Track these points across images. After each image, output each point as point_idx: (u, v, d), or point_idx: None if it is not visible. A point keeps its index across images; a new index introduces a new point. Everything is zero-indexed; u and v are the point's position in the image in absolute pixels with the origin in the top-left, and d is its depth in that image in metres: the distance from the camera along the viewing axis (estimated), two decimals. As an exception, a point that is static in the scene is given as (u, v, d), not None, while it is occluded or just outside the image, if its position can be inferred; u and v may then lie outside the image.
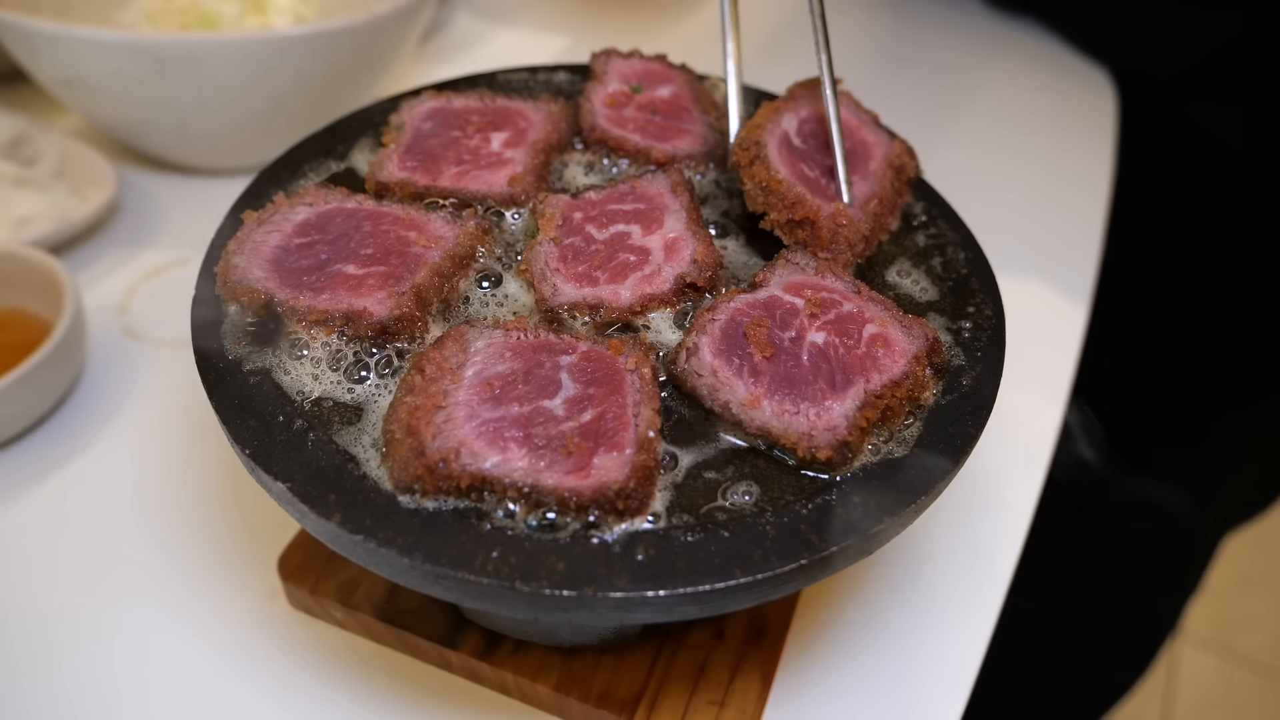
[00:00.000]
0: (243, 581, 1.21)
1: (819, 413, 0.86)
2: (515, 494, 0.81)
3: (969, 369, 0.96)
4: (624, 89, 1.22)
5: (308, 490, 0.83)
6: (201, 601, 1.18)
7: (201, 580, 1.21)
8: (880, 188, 1.09)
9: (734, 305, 0.94)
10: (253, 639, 1.16)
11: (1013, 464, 1.38)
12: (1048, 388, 1.50)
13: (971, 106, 2.15)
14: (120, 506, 1.28)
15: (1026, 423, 1.45)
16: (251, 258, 0.98)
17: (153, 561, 1.22)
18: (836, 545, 0.81)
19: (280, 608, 1.19)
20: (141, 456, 1.34)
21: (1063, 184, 1.95)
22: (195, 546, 1.24)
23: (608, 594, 0.77)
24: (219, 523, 1.27)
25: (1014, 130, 2.09)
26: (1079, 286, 1.70)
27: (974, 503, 1.33)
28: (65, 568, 1.21)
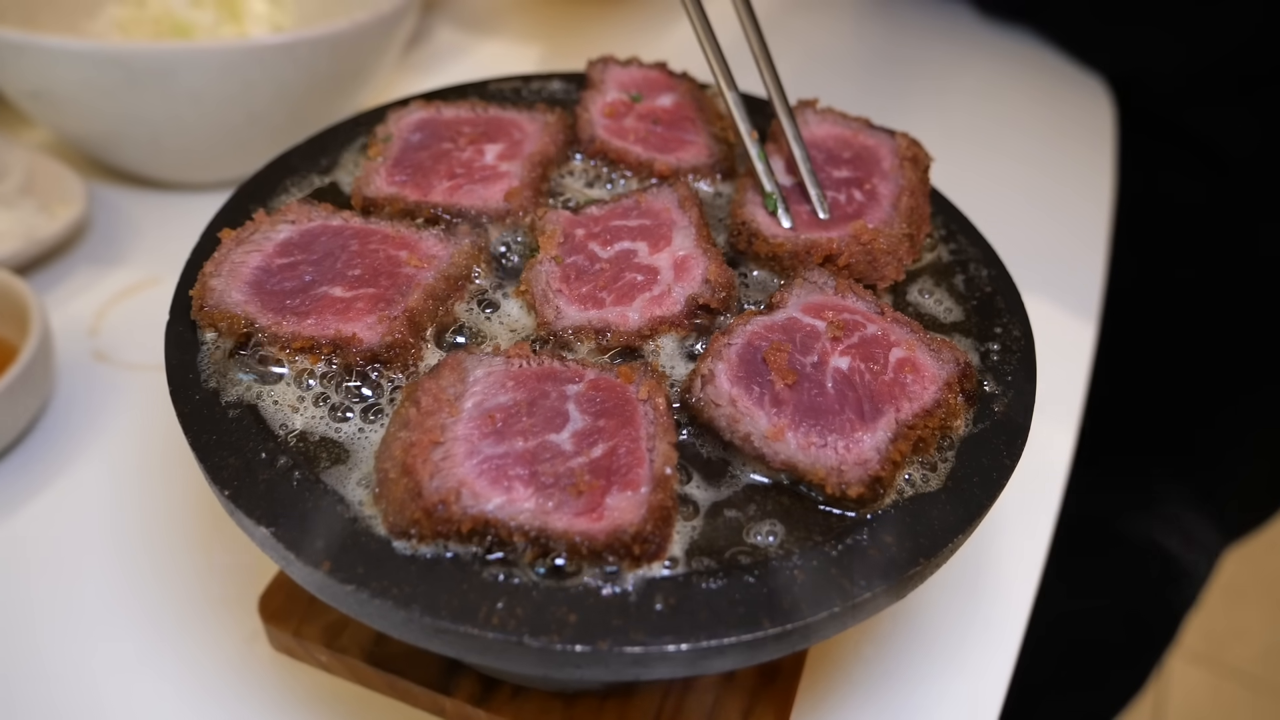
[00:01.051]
0: (222, 623, 1.14)
1: (849, 445, 0.80)
2: (522, 538, 0.74)
3: (1000, 395, 0.90)
4: (623, 98, 1.15)
5: (293, 536, 0.76)
6: (178, 643, 1.11)
7: (178, 621, 1.13)
8: (906, 181, 1.03)
9: (751, 328, 0.88)
10: (232, 684, 1.08)
11: (1027, 491, 1.33)
12: (1060, 409, 1.45)
13: (965, 115, 2.11)
14: (90, 541, 1.20)
15: (1040, 446, 1.39)
16: (230, 279, 0.90)
17: (126, 601, 1.14)
18: (870, 591, 0.75)
19: (261, 650, 1.12)
20: (113, 487, 1.27)
21: (1063, 195, 1.90)
22: (171, 585, 1.16)
23: (624, 649, 0.70)
24: (197, 559, 1.19)
25: (1010, 140, 2.05)
26: (1086, 302, 1.65)
27: (990, 531, 1.27)
28: (30, 607, 1.13)
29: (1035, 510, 1.32)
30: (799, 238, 0.98)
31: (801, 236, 0.98)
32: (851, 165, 1.07)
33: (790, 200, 1.03)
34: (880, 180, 1.05)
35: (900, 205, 1.01)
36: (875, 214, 1.01)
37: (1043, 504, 1.32)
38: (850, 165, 1.07)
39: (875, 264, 0.97)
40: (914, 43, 2.35)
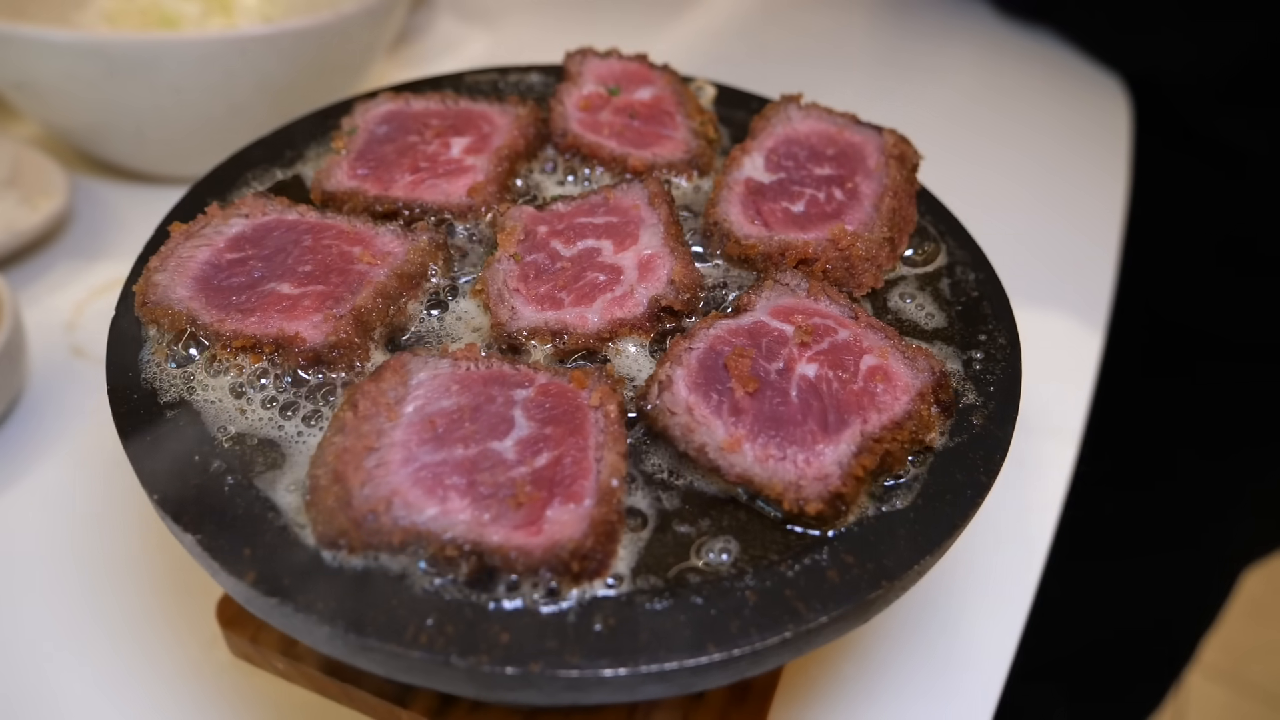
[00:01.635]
0: (183, 626, 1.10)
1: (809, 459, 0.75)
2: (455, 551, 0.70)
3: (980, 407, 0.85)
4: (600, 91, 1.11)
5: (219, 544, 0.72)
6: (138, 644, 1.08)
7: (139, 622, 1.10)
8: (890, 180, 0.99)
9: (714, 333, 0.83)
10: (191, 688, 1.05)
11: (1022, 506, 1.27)
12: (1060, 423, 1.39)
13: (980, 115, 2.05)
14: (53, 539, 1.17)
15: (1039, 459, 1.33)
16: (175, 275, 0.87)
17: (87, 600, 1.11)
18: (827, 615, 0.70)
19: (220, 656, 1.08)
20: (80, 485, 1.24)
21: (1075, 196, 1.84)
22: (133, 586, 1.13)
23: (558, 672, 0.66)
24: (159, 560, 1.16)
25: (1024, 141, 1.99)
26: (1094, 311, 1.59)
27: (983, 546, 1.22)
28: (-15, 612, 1.10)
29: (1033, 525, 1.26)
30: (772, 239, 0.93)
31: (775, 237, 0.93)
32: (835, 163, 1.03)
33: (769, 198, 0.99)
34: (863, 179, 1.00)
35: (882, 206, 0.96)
36: (855, 215, 0.96)
37: (1041, 519, 1.26)
38: (833, 163, 1.03)
39: (853, 270, 0.92)
40: (928, 40, 2.29)
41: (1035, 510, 1.27)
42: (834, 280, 0.92)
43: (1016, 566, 1.21)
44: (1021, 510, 1.26)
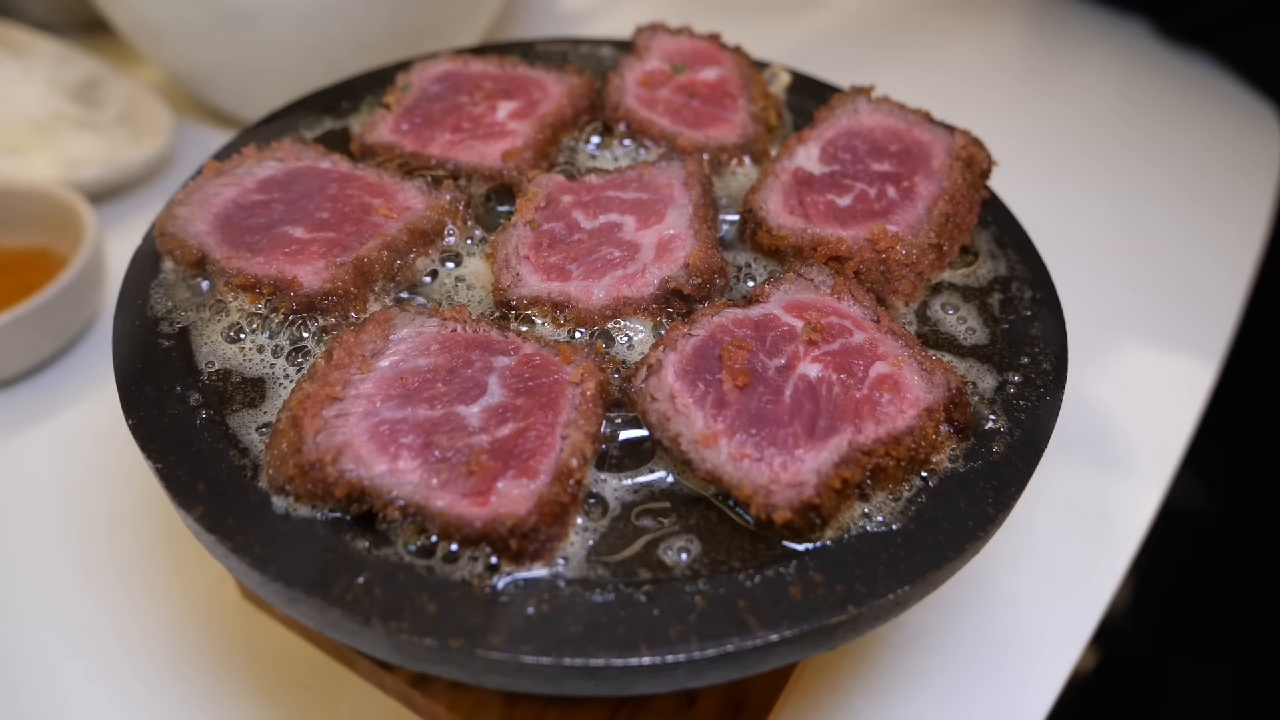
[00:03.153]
0: (197, 560, 1.12)
1: (786, 463, 0.69)
2: (398, 513, 0.67)
3: (1005, 434, 0.77)
4: (664, 68, 1.07)
5: (177, 475, 0.72)
6: (150, 575, 1.10)
7: (157, 552, 1.12)
8: (950, 184, 0.91)
9: (718, 321, 0.78)
10: (197, 622, 1.06)
11: (1083, 555, 1.16)
12: (1144, 475, 1.26)
13: (1120, 136, 1.90)
14: (92, 463, 1.20)
15: (1108, 509, 1.21)
16: (197, 210, 0.87)
17: (114, 527, 1.14)
18: (779, 633, 0.64)
19: (229, 594, 1.09)
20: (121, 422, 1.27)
21: (1212, 226, 1.68)
22: (158, 517, 1.16)
23: (476, 651, 0.63)
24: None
25: (1165, 163, 1.83)
26: (1210, 351, 1.44)
27: (1031, 591, 1.12)
28: (21, 524, 1.14)
29: (1098, 572, 1.14)
30: (805, 231, 0.87)
31: (809, 230, 0.87)
32: (896, 159, 0.96)
33: (815, 189, 0.92)
34: (923, 179, 0.93)
35: (935, 210, 0.89)
36: (904, 215, 0.89)
37: (1107, 564, 1.15)
38: (894, 159, 0.96)
39: (889, 275, 0.86)
40: (1076, 53, 2.15)
41: (1105, 556, 1.15)
42: (867, 283, 0.86)
43: (1072, 618, 1.10)
44: (1090, 556, 1.15)
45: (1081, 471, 1.24)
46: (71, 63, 1.62)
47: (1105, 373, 1.38)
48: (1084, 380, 1.35)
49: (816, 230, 0.87)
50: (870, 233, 0.86)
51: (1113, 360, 1.41)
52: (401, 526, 0.68)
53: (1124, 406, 1.34)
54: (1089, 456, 1.27)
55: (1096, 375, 1.37)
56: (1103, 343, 1.43)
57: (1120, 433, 1.30)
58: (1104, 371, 1.39)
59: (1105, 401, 1.34)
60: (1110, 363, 1.40)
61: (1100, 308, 1.47)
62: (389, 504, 0.67)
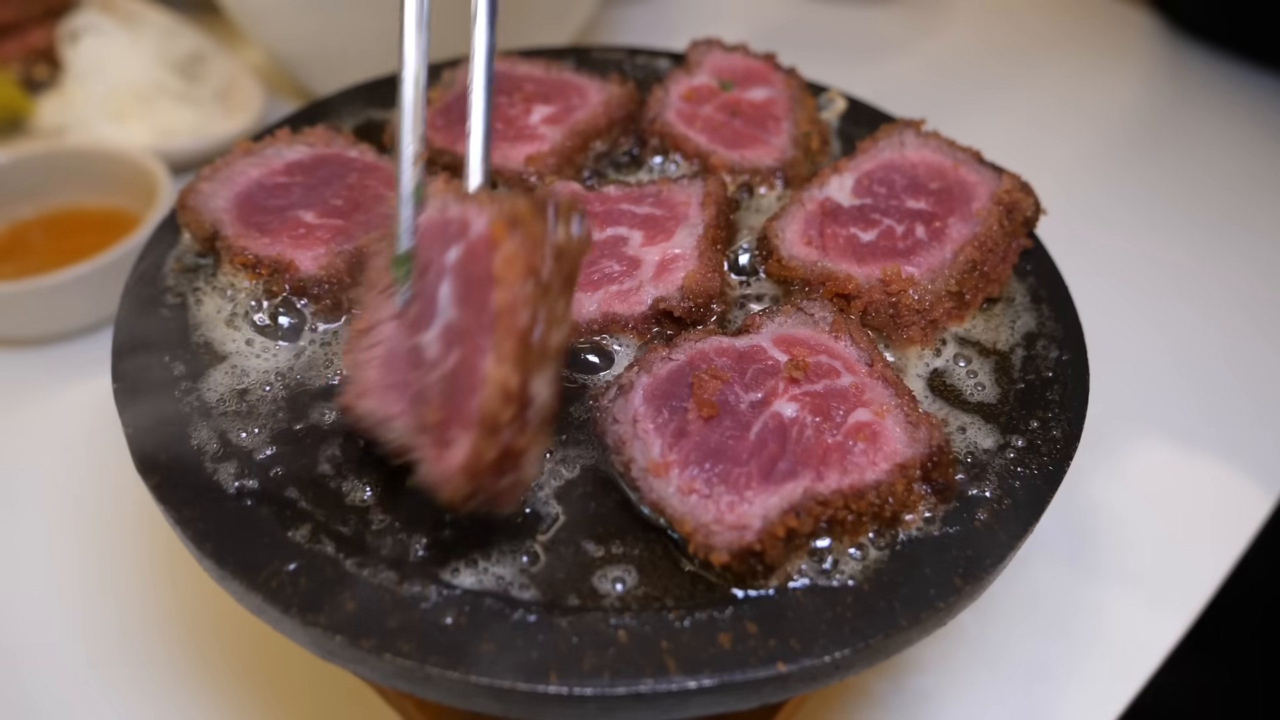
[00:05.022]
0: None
1: (733, 503, 0.66)
2: None
3: (993, 501, 0.72)
4: (711, 84, 1.04)
5: (143, 444, 0.73)
6: (155, 532, 1.13)
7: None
8: (983, 230, 0.86)
9: (699, 347, 0.76)
10: (186, 586, 1.08)
11: (1111, 674, 1.05)
12: (1181, 591, 1.11)
13: (1227, 205, 1.75)
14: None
15: (1132, 622, 1.09)
16: (221, 186, 0.89)
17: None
18: (697, 681, 0.61)
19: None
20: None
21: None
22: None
23: (384, 656, 0.61)
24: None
25: (1270, 252, 1.66)
26: (1266, 480, 1.24)
27: (1048, 674, 1.05)
28: (65, 470, 1.19)
29: (1107, 698, 1.04)
30: (816, 265, 0.84)
31: (820, 264, 0.84)
32: (934, 198, 0.91)
33: (840, 222, 0.89)
34: (958, 221, 0.88)
35: (960, 256, 0.84)
36: (927, 258, 0.85)
37: (1116, 691, 1.04)
38: (932, 198, 0.91)
39: (898, 319, 0.81)
40: (1203, 111, 2.01)
41: (1119, 678, 1.04)
42: (874, 326, 0.82)
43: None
44: (1096, 680, 1.04)
45: (1076, 580, 1.11)
46: (178, 37, 1.69)
47: (1123, 470, 1.22)
48: (1095, 473, 1.19)
49: (828, 264, 0.84)
50: (883, 273, 0.82)
51: (1137, 456, 1.24)
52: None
53: (1141, 516, 1.17)
54: (1087, 566, 1.13)
55: (1112, 471, 1.20)
56: (1130, 433, 1.26)
57: (1129, 545, 1.14)
58: (1122, 468, 1.22)
59: (1116, 504, 1.18)
60: (1133, 458, 1.24)
61: (1141, 392, 1.31)
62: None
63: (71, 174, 1.42)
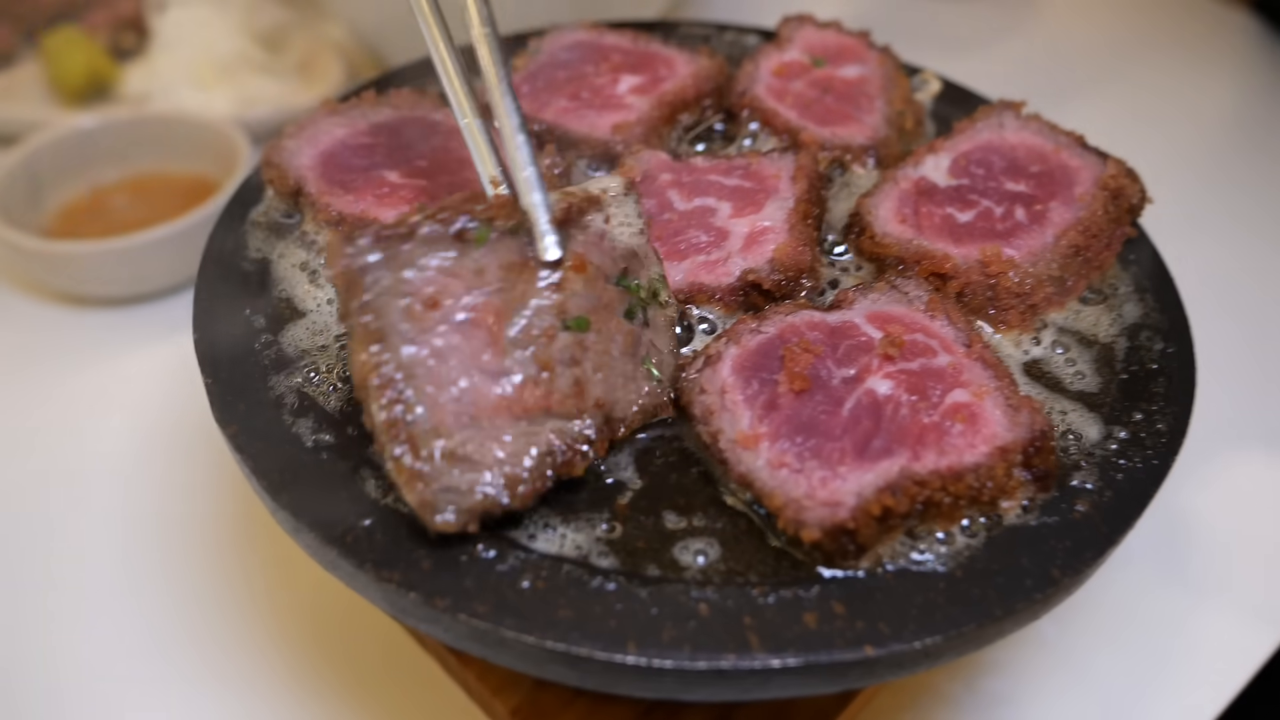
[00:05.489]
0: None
1: (826, 479, 0.63)
2: None
3: (1094, 493, 0.69)
4: (803, 60, 1.02)
5: (223, 391, 0.72)
6: (223, 497, 1.12)
7: (233, 479, 1.15)
8: (1088, 215, 0.82)
9: (790, 320, 0.73)
10: (261, 551, 1.08)
11: (1177, 692, 1.00)
12: (1265, 614, 1.04)
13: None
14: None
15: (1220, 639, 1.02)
16: (305, 143, 0.89)
17: (202, 447, 1.18)
18: (781, 659, 0.59)
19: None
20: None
21: None
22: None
23: (459, 616, 0.60)
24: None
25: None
26: None
27: (1126, 677, 1.00)
28: (138, 429, 1.20)
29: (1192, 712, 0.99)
30: (912, 242, 0.81)
31: (915, 242, 0.81)
32: (1034, 181, 0.87)
33: (935, 201, 0.86)
34: (1060, 205, 0.84)
35: (1063, 240, 0.81)
36: (1028, 241, 0.81)
37: (1202, 706, 0.99)
38: (1032, 181, 0.87)
39: (997, 302, 0.78)
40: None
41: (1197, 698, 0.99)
42: (970, 308, 0.79)
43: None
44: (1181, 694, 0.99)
45: (1162, 587, 1.05)
46: (262, 9, 1.70)
47: (1215, 477, 1.16)
48: (1186, 479, 1.13)
49: (923, 243, 0.81)
50: (982, 253, 0.78)
51: (1230, 464, 1.18)
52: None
53: (1232, 525, 1.11)
54: (1174, 573, 1.07)
55: (1203, 477, 1.15)
56: (1222, 439, 1.20)
57: (1219, 555, 1.09)
58: (1214, 475, 1.16)
59: (1206, 511, 1.12)
60: (1225, 466, 1.18)
61: (1235, 398, 1.25)
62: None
63: (156, 140, 1.43)
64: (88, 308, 1.34)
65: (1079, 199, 0.85)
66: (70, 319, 1.33)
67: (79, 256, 1.25)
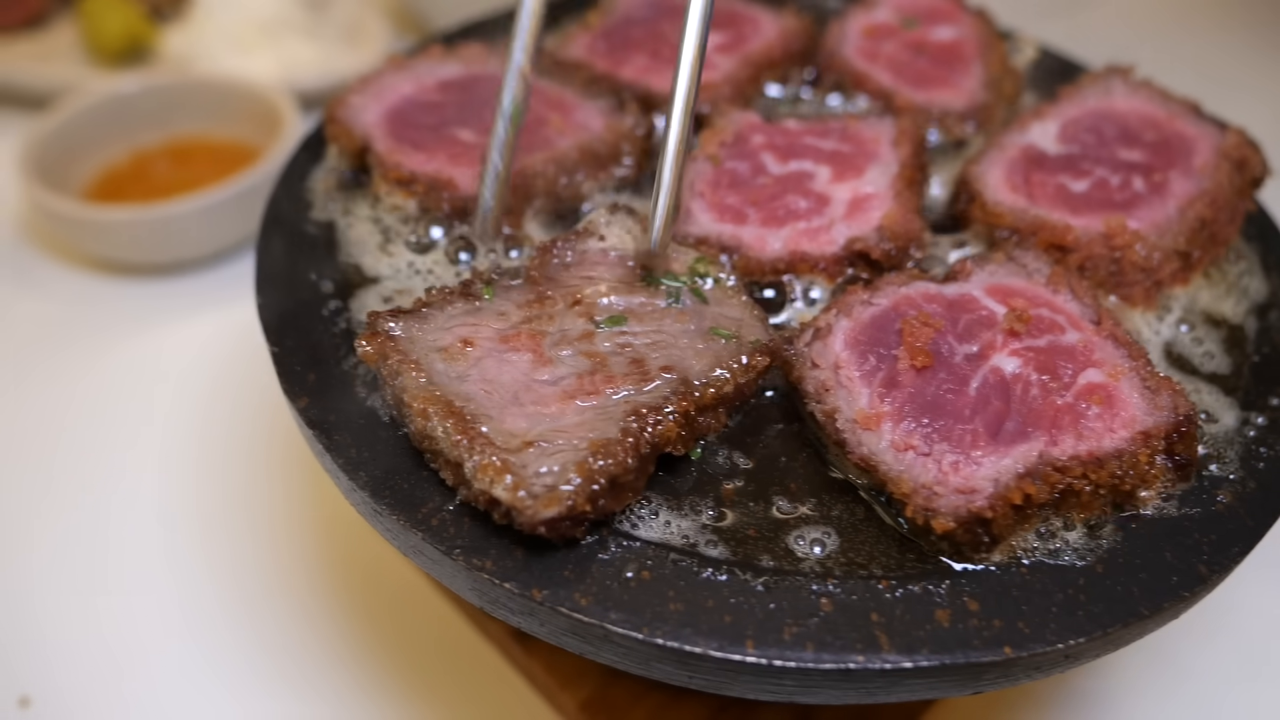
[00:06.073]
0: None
1: (958, 464, 0.58)
2: None
3: (1236, 483, 0.63)
4: (893, 21, 0.96)
5: (291, 362, 0.67)
6: (274, 477, 1.08)
7: (284, 459, 1.10)
8: (1213, 186, 0.77)
9: (905, 292, 0.67)
10: (307, 529, 1.03)
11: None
12: None
13: None
14: (245, 359, 1.20)
15: None
16: (371, 100, 0.83)
17: (259, 419, 1.14)
18: (913, 660, 0.53)
19: (345, 510, 1.06)
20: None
21: None
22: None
23: (560, 608, 0.55)
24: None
25: None
26: None
27: (1221, 690, 0.94)
28: (170, 399, 1.15)
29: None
30: (1027, 212, 0.75)
31: (1031, 212, 0.75)
32: (1149, 150, 0.81)
33: (1046, 169, 0.80)
34: (1180, 176, 0.79)
35: (1189, 213, 0.75)
36: (1150, 213, 0.76)
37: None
38: (1147, 150, 0.81)
39: (1121, 277, 0.72)
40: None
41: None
42: (1092, 283, 0.73)
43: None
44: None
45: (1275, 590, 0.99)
46: (306, -30, 1.65)
47: None
48: None
49: (1040, 213, 0.75)
50: (1106, 225, 0.73)
51: None
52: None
53: None
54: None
55: None
56: None
57: None
58: None
59: None
60: None
61: None
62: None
63: (198, 104, 1.38)
64: (128, 277, 1.30)
65: (1199, 170, 0.79)
66: (111, 290, 1.29)
67: (119, 223, 1.20)
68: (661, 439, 0.58)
